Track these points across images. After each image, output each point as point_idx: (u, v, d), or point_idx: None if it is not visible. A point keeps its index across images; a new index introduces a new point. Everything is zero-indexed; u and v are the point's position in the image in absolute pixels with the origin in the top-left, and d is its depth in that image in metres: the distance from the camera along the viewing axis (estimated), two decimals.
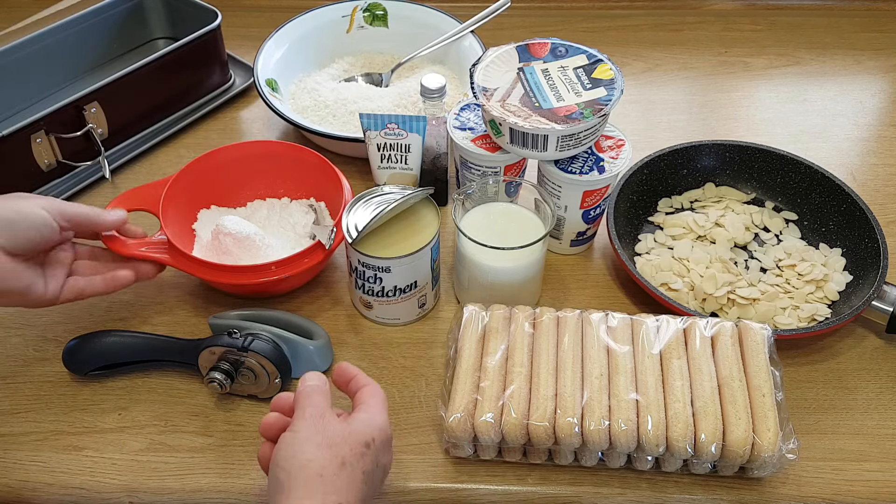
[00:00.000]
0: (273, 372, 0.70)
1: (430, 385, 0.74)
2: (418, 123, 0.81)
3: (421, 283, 0.75)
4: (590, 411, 0.63)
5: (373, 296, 0.75)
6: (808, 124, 1.03)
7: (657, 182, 0.89)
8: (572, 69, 0.80)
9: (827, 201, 0.85)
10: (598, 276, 0.84)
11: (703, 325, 0.69)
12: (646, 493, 0.66)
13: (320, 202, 0.85)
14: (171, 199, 0.79)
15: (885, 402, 0.73)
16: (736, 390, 0.64)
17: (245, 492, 0.67)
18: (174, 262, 0.75)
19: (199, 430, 0.71)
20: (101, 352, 0.73)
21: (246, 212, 0.85)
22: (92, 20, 1.02)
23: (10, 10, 1.14)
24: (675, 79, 1.11)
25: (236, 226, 0.78)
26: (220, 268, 0.74)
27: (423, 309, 0.79)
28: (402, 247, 0.73)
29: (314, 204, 0.85)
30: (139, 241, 0.76)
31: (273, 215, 0.85)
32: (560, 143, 0.76)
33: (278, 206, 0.86)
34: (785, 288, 0.80)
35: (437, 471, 0.68)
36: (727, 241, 0.84)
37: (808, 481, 0.67)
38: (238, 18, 1.14)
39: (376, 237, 0.73)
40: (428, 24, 1.04)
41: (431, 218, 0.76)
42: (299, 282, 0.80)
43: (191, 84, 1.01)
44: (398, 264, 0.72)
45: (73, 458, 0.69)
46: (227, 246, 0.78)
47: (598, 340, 0.68)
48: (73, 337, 0.73)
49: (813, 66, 1.13)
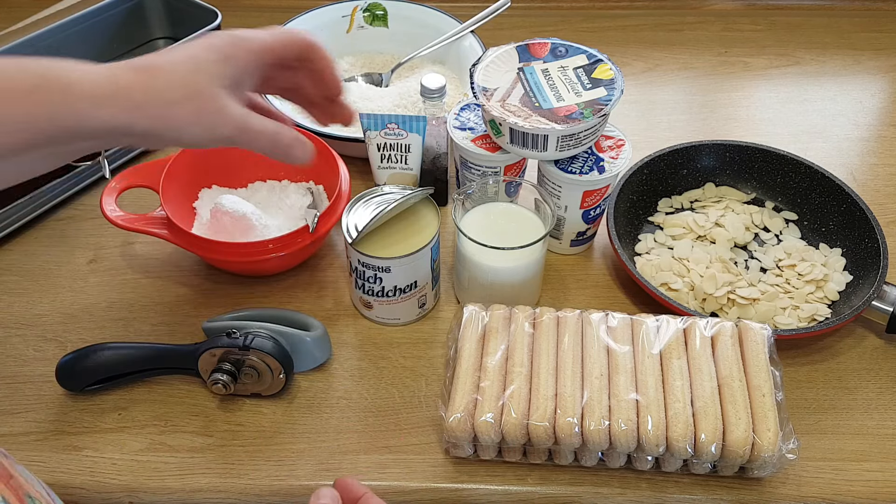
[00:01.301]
0: (276, 367, 0.70)
1: (430, 385, 0.74)
2: (418, 123, 0.81)
3: (421, 283, 0.75)
4: (590, 411, 0.63)
5: (373, 296, 0.75)
6: (808, 124, 1.03)
7: (657, 182, 0.89)
8: (572, 69, 0.80)
9: (827, 201, 0.85)
10: (598, 276, 0.84)
11: (703, 325, 0.69)
12: (646, 493, 0.66)
13: (318, 185, 0.86)
14: (172, 177, 0.81)
15: (885, 402, 0.73)
16: (736, 390, 0.64)
17: (245, 492, 0.67)
18: (172, 238, 0.77)
19: (199, 430, 0.71)
20: (96, 368, 0.71)
21: (246, 192, 0.87)
22: (92, 20, 1.02)
23: (10, 10, 1.14)
24: (675, 79, 1.11)
25: (234, 205, 0.80)
26: (215, 244, 0.76)
27: (423, 309, 0.79)
28: (402, 247, 0.73)
29: (312, 187, 0.86)
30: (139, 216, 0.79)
31: (272, 196, 0.86)
32: (560, 143, 0.76)
33: (278, 187, 0.88)
34: (785, 288, 0.80)
35: (437, 471, 0.68)
36: (727, 241, 0.84)
37: (808, 481, 0.67)
38: (238, 18, 1.14)
39: (376, 237, 0.73)
40: (428, 24, 1.04)
41: (431, 218, 0.76)
42: (292, 261, 0.82)
43: None
44: (398, 264, 0.72)
45: (73, 458, 0.69)
46: (224, 224, 0.80)
47: (598, 340, 0.68)
48: (71, 337, 0.73)
49: (813, 66, 1.13)
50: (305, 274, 0.83)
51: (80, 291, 0.82)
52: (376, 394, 0.73)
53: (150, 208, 0.81)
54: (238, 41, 0.57)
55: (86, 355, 0.71)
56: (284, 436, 0.70)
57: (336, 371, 0.75)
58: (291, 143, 0.59)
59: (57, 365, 0.71)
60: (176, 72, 0.54)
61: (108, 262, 0.85)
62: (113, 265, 0.85)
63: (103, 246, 0.86)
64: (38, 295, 0.82)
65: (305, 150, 0.60)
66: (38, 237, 0.88)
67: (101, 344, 0.73)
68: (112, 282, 0.83)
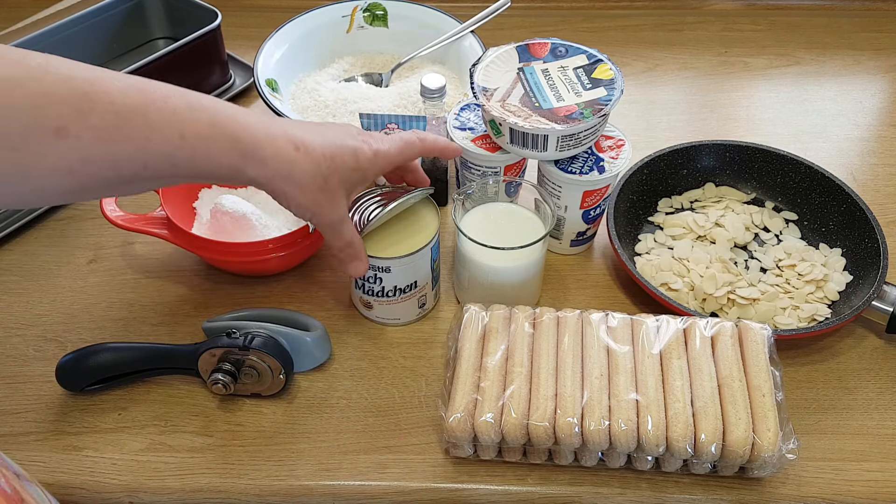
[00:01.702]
0: (276, 367, 0.70)
1: (430, 385, 0.74)
2: (418, 123, 0.80)
3: (421, 283, 0.75)
4: (590, 411, 0.63)
5: (373, 296, 0.75)
6: (808, 124, 1.03)
7: (657, 182, 0.89)
8: (572, 69, 0.80)
9: (827, 201, 0.85)
10: (598, 276, 0.84)
11: (703, 325, 0.69)
12: (646, 493, 0.66)
13: None
14: None
15: (885, 402, 0.73)
16: (736, 390, 0.64)
17: (245, 492, 0.67)
18: (172, 238, 0.77)
19: (199, 430, 0.71)
20: (96, 368, 0.71)
21: (246, 192, 0.87)
22: (92, 20, 1.02)
23: (10, 10, 1.14)
24: (675, 79, 1.11)
25: (234, 205, 0.80)
26: (215, 244, 0.76)
27: (423, 309, 0.79)
28: (402, 247, 0.73)
29: None
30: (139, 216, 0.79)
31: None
32: (560, 143, 0.76)
33: None
34: (785, 288, 0.80)
35: (437, 471, 0.68)
36: (727, 241, 0.84)
37: (808, 481, 0.67)
38: (238, 18, 1.14)
39: (376, 237, 0.73)
40: (428, 24, 1.04)
41: (431, 218, 0.76)
42: (292, 261, 0.82)
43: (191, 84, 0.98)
44: (398, 264, 0.72)
45: (73, 458, 0.69)
46: (224, 224, 0.80)
47: (598, 340, 0.68)
48: (71, 337, 0.73)
49: (813, 65, 1.13)
50: (305, 274, 0.83)
51: (80, 291, 0.82)
52: (376, 394, 0.73)
53: (150, 208, 0.81)
54: (377, 157, 0.65)
55: (86, 355, 0.71)
56: (284, 436, 0.70)
57: (336, 371, 0.75)
58: (355, 259, 0.68)
59: (57, 365, 0.71)
60: (320, 165, 0.61)
61: (108, 262, 0.85)
62: (113, 265, 0.85)
63: (103, 246, 0.86)
64: (38, 295, 0.82)
65: (359, 270, 0.69)
66: (38, 237, 0.88)
67: (101, 344, 0.73)
68: (112, 282, 0.83)
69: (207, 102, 0.57)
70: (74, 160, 0.50)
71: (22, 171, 0.49)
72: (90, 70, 0.52)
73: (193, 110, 0.55)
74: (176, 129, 0.54)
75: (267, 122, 0.60)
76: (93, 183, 0.53)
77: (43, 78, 0.49)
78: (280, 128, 0.60)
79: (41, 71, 0.49)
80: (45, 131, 0.49)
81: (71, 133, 0.49)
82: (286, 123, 0.62)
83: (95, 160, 0.51)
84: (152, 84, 0.55)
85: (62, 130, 0.49)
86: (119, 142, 0.52)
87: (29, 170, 0.49)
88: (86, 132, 0.50)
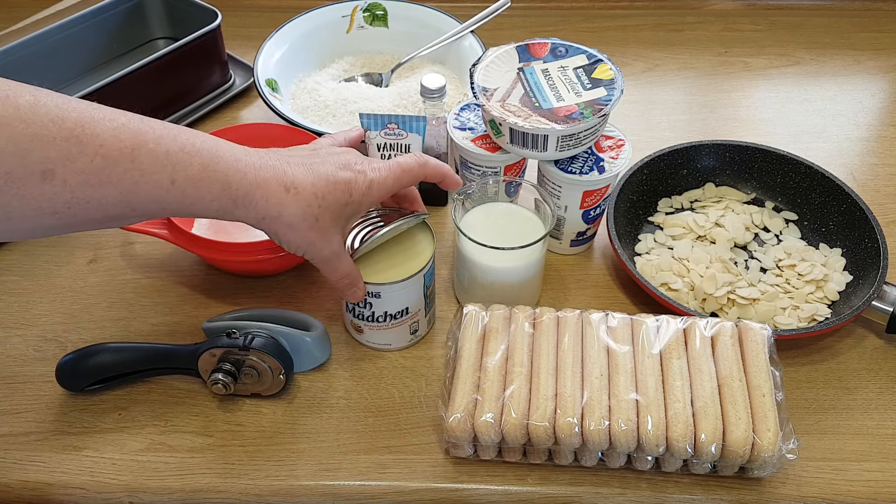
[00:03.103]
0: (276, 367, 0.70)
1: (430, 385, 0.74)
2: (418, 123, 0.80)
3: (413, 309, 0.73)
4: (590, 411, 0.63)
5: (363, 320, 0.74)
6: (808, 124, 1.03)
7: (657, 182, 0.89)
8: (572, 69, 0.80)
9: (827, 201, 0.85)
10: (598, 276, 0.84)
11: (703, 325, 0.69)
12: (646, 493, 0.66)
13: None
14: None
15: (885, 402, 0.73)
16: (736, 390, 0.64)
17: (245, 492, 0.67)
18: (172, 238, 0.77)
19: (199, 430, 0.71)
20: (96, 368, 0.71)
21: None
22: (92, 20, 1.02)
23: (10, 10, 1.14)
24: (675, 79, 1.11)
25: None
26: (215, 244, 0.76)
27: (415, 335, 0.77)
28: (394, 272, 0.70)
29: None
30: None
31: None
32: (560, 143, 0.76)
33: None
34: (785, 288, 0.80)
35: (437, 471, 0.68)
36: (727, 241, 0.84)
37: (808, 481, 0.67)
38: (238, 18, 1.14)
39: (368, 260, 0.71)
40: (428, 24, 1.04)
41: (427, 244, 0.73)
42: (292, 261, 0.81)
43: (191, 84, 1.01)
44: (389, 290, 0.70)
45: (72, 458, 0.69)
46: (224, 224, 0.80)
47: (598, 340, 0.68)
48: (71, 337, 0.73)
49: (813, 66, 1.13)
50: (305, 274, 0.83)
51: (80, 291, 0.82)
52: (376, 394, 0.73)
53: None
54: (371, 189, 0.64)
55: (86, 355, 0.71)
56: (284, 436, 0.70)
57: (336, 371, 0.75)
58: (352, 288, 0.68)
59: (57, 365, 0.71)
60: (310, 205, 0.60)
61: (108, 262, 0.85)
62: (113, 265, 0.85)
63: (103, 246, 0.86)
64: (38, 295, 0.82)
65: (356, 296, 0.69)
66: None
67: (101, 344, 0.73)
68: (112, 282, 0.83)
69: (200, 144, 0.56)
70: (59, 203, 0.50)
71: (4, 211, 0.48)
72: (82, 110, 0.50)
73: (186, 153, 0.54)
74: (167, 174, 0.53)
75: (258, 162, 0.59)
76: (78, 223, 0.52)
77: (32, 119, 0.48)
78: (271, 169, 0.59)
79: (30, 111, 0.48)
80: (31, 174, 0.48)
81: (58, 176, 0.48)
82: (279, 160, 0.61)
83: (81, 202, 0.50)
84: (147, 123, 0.54)
85: (49, 173, 0.48)
86: (107, 185, 0.51)
87: (11, 210, 0.48)
88: (73, 176, 0.49)
